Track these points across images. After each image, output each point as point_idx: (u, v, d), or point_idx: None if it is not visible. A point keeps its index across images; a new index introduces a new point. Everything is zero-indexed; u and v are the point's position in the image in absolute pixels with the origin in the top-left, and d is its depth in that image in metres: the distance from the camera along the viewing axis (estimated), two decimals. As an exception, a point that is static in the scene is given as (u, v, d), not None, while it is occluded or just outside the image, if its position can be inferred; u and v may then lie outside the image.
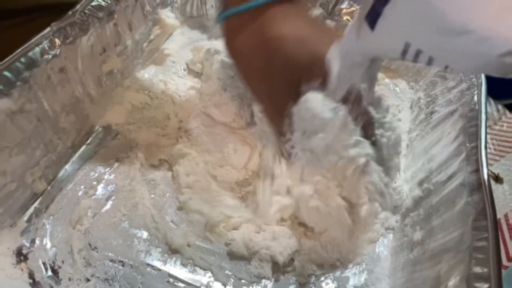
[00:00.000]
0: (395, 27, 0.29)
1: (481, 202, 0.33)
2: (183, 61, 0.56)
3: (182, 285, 0.37)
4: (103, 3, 0.46)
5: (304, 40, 0.37)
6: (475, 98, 0.41)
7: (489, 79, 0.41)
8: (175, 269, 0.38)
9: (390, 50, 0.30)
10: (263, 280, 0.38)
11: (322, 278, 0.39)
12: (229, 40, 0.40)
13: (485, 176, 0.34)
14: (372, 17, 0.30)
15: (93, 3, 0.45)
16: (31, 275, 0.36)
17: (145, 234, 0.40)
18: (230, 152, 0.45)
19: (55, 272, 0.37)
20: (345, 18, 0.60)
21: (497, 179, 0.51)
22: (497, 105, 0.59)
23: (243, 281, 0.38)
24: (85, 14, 0.44)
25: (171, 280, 0.37)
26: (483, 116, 0.38)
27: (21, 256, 0.37)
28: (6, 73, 0.36)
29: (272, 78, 0.39)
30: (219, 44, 0.52)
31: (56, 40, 0.41)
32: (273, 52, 0.37)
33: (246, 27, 0.38)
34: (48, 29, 0.40)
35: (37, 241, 0.38)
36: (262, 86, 0.40)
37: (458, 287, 0.30)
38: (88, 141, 0.47)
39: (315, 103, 0.36)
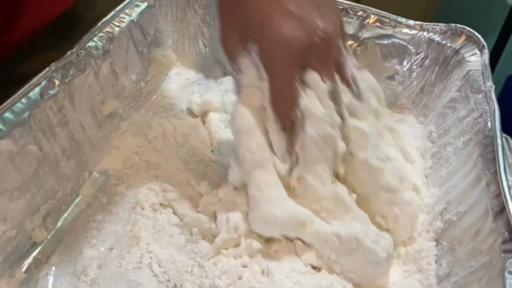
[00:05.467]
0: None
1: (507, 225, 0.36)
2: (182, 103, 0.61)
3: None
4: (99, 44, 0.51)
5: None
6: (489, 124, 0.45)
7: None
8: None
9: None
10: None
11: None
12: None
13: (509, 199, 0.38)
14: None
15: (89, 44, 0.50)
16: (33, 329, 0.38)
17: (153, 284, 0.42)
18: None
19: (59, 325, 0.38)
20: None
21: None
22: None
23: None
24: (82, 53, 0.49)
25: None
26: (499, 141, 0.42)
27: (22, 309, 0.39)
28: (7, 115, 0.40)
29: (229, 22, 0.45)
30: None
31: (56, 80, 0.45)
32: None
33: None
34: (47, 69, 0.45)
35: (38, 293, 0.40)
36: (224, 26, 0.46)
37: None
38: (87, 188, 0.49)
39: None
